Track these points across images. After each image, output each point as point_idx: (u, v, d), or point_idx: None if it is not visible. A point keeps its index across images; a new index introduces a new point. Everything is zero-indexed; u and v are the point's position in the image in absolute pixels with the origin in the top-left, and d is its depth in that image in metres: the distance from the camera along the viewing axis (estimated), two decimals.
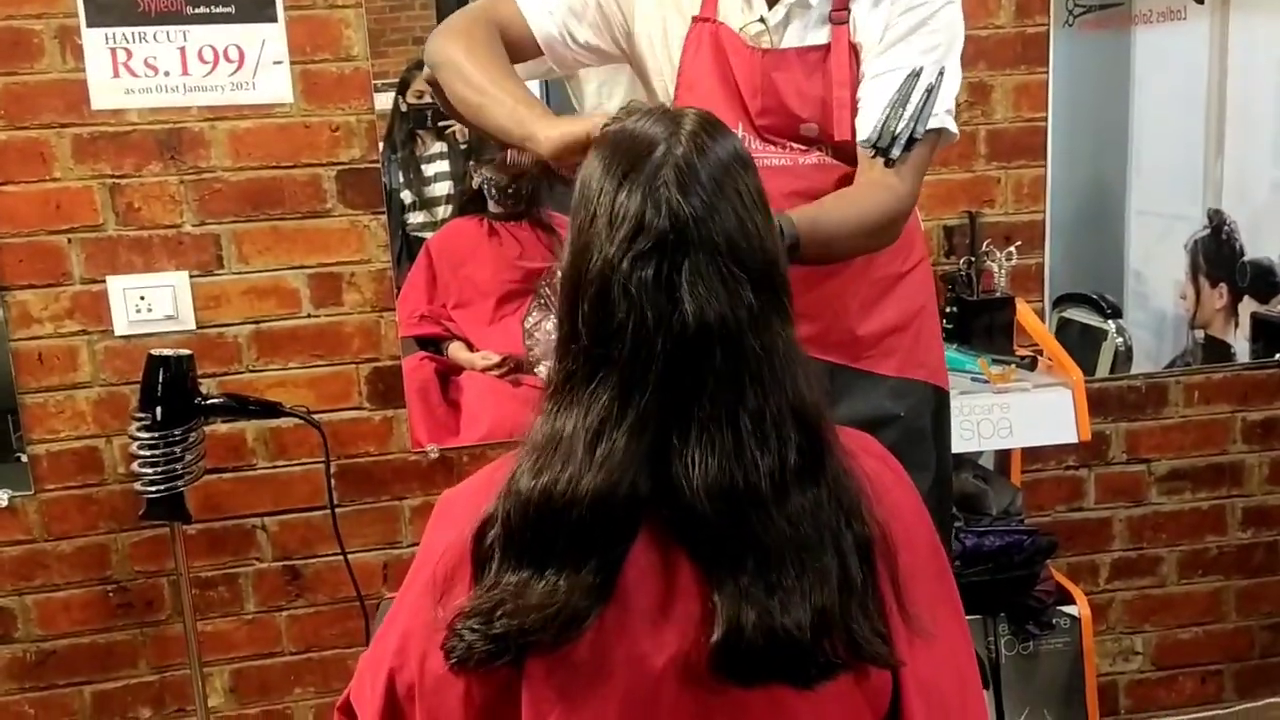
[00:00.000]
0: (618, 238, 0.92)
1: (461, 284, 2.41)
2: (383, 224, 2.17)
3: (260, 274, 2.14)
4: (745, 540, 0.93)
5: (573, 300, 0.95)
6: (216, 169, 2.09)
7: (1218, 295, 2.55)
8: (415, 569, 1.06)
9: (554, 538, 0.93)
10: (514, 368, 2.45)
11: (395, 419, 2.24)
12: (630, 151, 0.96)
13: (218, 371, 2.14)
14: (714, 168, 0.96)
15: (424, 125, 2.17)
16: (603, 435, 0.92)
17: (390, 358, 2.22)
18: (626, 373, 0.92)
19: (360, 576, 2.12)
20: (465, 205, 2.36)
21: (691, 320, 0.91)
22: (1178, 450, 2.57)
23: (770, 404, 0.94)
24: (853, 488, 0.98)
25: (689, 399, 0.93)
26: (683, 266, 0.92)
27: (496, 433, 2.31)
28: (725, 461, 0.92)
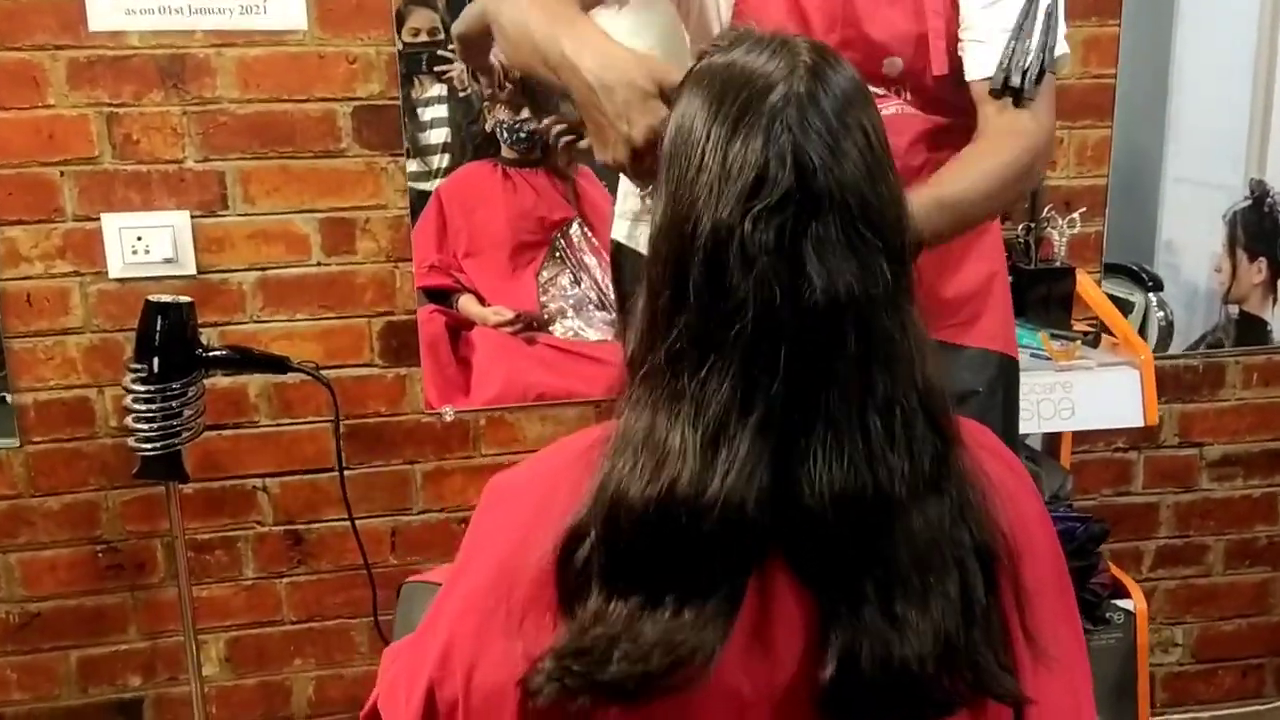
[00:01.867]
0: (733, 194, 0.77)
1: (474, 232, 2.26)
2: (401, 167, 2.01)
3: (267, 216, 1.98)
4: (868, 558, 0.79)
5: (674, 268, 0.79)
6: (222, 100, 1.92)
7: (1256, 270, 2.43)
8: (463, 567, 0.91)
9: (674, 559, 0.78)
10: (528, 325, 2.32)
11: (409, 378, 2.09)
12: (743, 89, 0.80)
13: (219, 321, 1.99)
14: (840, 109, 0.80)
15: (420, 68, 2.00)
16: (724, 433, 0.78)
17: (405, 312, 2.07)
18: (749, 358, 0.77)
19: (366, 543, 1.99)
20: (478, 149, 2.21)
21: (820, 295, 0.77)
22: (1232, 435, 2.44)
23: (902, 396, 0.80)
24: (978, 494, 0.84)
25: (816, 390, 0.78)
26: (808, 230, 0.77)
27: (509, 393, 2.17)
28: (855, 464, 0.78)
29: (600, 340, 2.36)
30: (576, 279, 2.40)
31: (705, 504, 0.77)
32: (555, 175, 2.34)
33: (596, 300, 2.39)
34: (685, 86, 0.85)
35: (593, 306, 2.38)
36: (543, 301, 2.37)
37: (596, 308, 2.39)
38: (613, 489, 0.80)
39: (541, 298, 2.37)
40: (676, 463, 0.78)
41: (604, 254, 2.39)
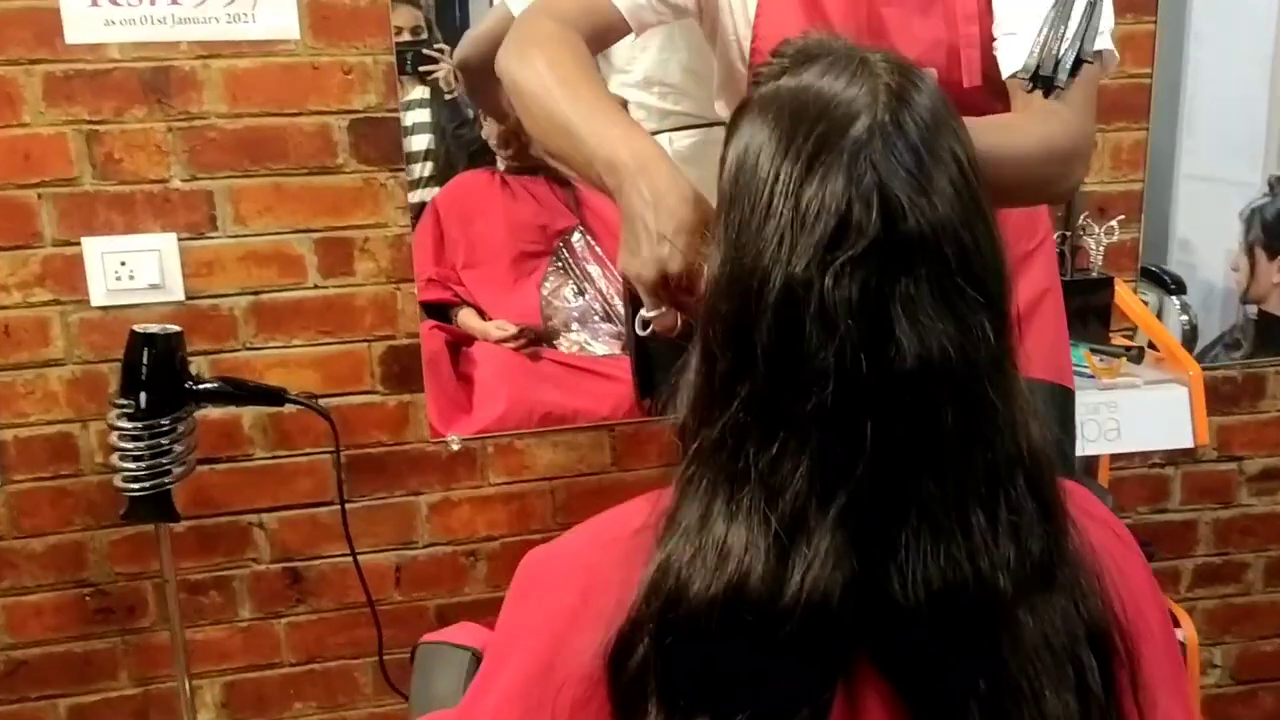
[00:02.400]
0: (809, 244, 0.66)
1: (472, 242, 2.16)
2: (401, 183, 1.89)
3: (259, 237, 1.86)
4: (972, 663, 0.69)
5: (736, 329, 0.69)
6: (210, 115, 1.81)
7: (1276, 269, 2.33)
8: (500, 657, 0.80)
9: (746, 670, 0.68)
10: (532, 339, 2.22)
11: (412, 405, 1.98)
12: (819, 120, 0.69)
13: (210, 349, 1.87)
14: (930, 138, 0.69)
15: (402, 68, 1.89)
16: (801, 524, 0.67)
17: (407, 335, 1.95)
18: (828, 436, 0.67)
19: (370, 580, 1.87)
20: (474, 155, 2.10)
21: (913, 362, 0.66)
22: (1273, 448, 2.33)
23: (1006, 474, 0.70)
24: (1089, 575, 0.73)
25: (907, 472, 0.68)
26: (897, 285, 0.66)
27: (514, 412, 2.06)
28: (954, 557, 0.68)
29: (608, 355, 2.25)
30: (581, 290, 2.29)
31: (783, 606, 0.66)
32: (556, 182, 2.24)
33: (602, 312, 2.28)
34: (746, 113, 0.73)
35: (598, 318, 2.28)
36: (546, 314, 2.27)
37: (602, 320, 2.28)
38: (670, 584, 0.69)
39: (545, 310, 2.27)
40: (743, 556, 0.67)
41: (608, 264, 2.29)
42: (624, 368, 2.20)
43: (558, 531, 1.98)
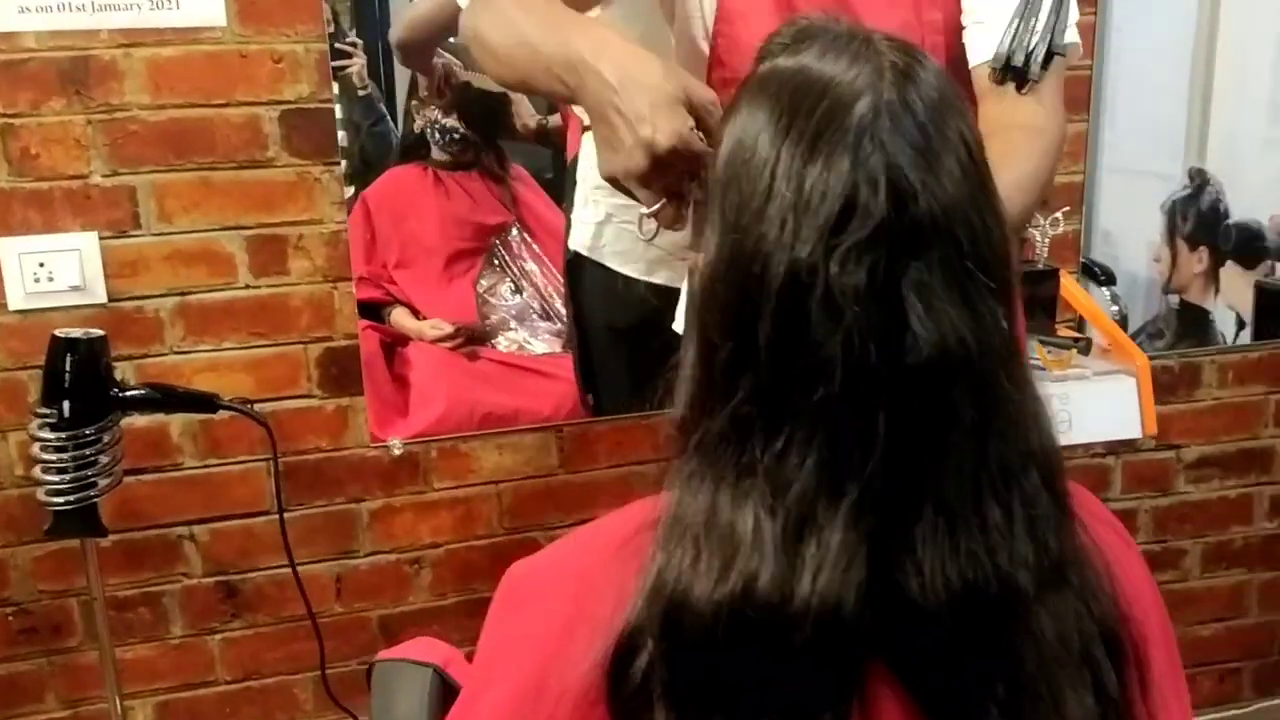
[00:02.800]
0: (814, 227, 0.63)
1: (405, 240, 2.11)
2: (337, 177, 1.82)
3: (186, 235, 1.78)
4: (991, 665, 0.66)
5: (737, 317, 0.65)
6: (132, 107, 1.71)
7: (1197, 259, 2.37)
8: (484, 679, 0.77)
9: (758, 676, 0.64)
10: (469, 339, 2.16)
11: (351, 409, 1.90)
12: (821, 99, 0.65)
13: (135, 354, 1.78)
14: (938, 118, 0.66)
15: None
16: (810, 520, 0.63)
17: (346, 336, 1.88)
18: (837, 429, 0.63)
19: (309, 591, 1.79)
20: (405, 151, 2.04)
21: (927, 350, 0.63)
22: (1209, 436, 2.37)
23: (1020, 467, 0.67)
24: (1099, 574, 0.71)
25: (922, 466, 0.65)
26: (908, 269, 0.63)
27: (453, 414, 2.00)
28: (974, 554, 0.65)
29: (548, 353, 2.21)
30: (518, 288, 2.25)
31: (795, 609, 0.63)
32: (490, 178, 2.19)
33: (540, 310, 2.24)
34: (743, 96, 0.69)
35: (536, 316, 2.23)
36: (483, 313, 2.22)
37: (541, 318, 2.24)
38: (671, 588, 0.65)
39: (481, 308, 2.22)
40: (751, 556, 0.64)
41: (545, 261, 2.25)
42: (565, 366, 2.15)
43: (504, 537, 1.95)
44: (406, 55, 1.96)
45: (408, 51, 1.96)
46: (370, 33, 1.84)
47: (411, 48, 1.96)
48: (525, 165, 2.15)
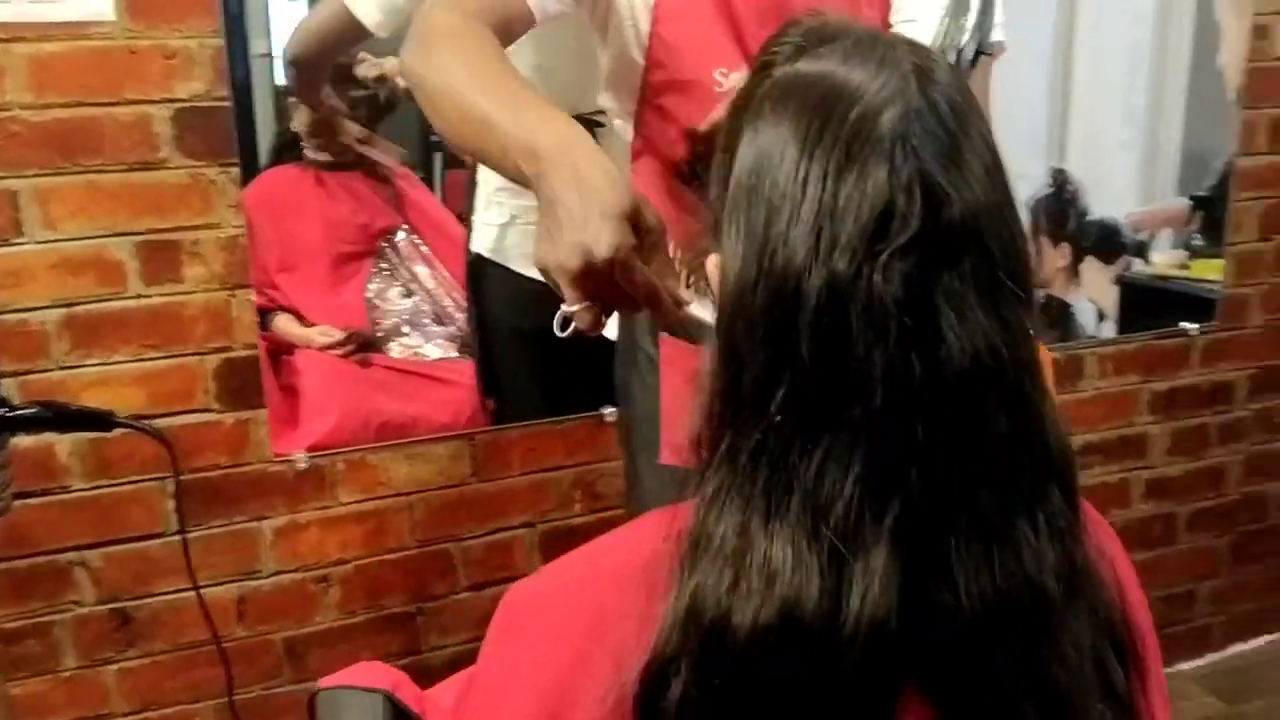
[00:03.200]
0: (851, 238, 0.61)
1: (286, 243, 2.03)
2: (234, 178, 1.73)
3: (73, 242, 1.66)
4: (1025, 678, 0.65)
5: (770, 333, 0.63)
6: (13, 106, 1.59)
7: (1059, 255, 2.47)
8: (486, 707, 0.73)
9: (803, 699, 0.62)
10: (361, 345, 2.10)
11: (252, 422, 1.81)
12: (851, 107, 0.64)
13: (19, 370, 1.66)
14: (960, 120, 0.65)
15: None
16: (855, 538, 0.62)
17: (245, 346, 1.79)
18: (878, 443, 0.62)
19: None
20: (280, 151, 1.96)
21: (962, 360, 0.62)
22: (1090, 425, 2.46)
23: (1045, 476, 0.67)
24: (1103, 577, 0.71)
25: (959, 478, 0.64)
26: (940, 278, 0.62)
27: (347, 424, 1.93)
28: (1008, 565, 0.64)
29: (444, 358, 2.15)
30: (408, 291, 2.19)
31: (845, 631, 0.61)
32: (374, 179, 2.13)
33: (433, 314, 2.18)
34: (763, 103, 0.67)
35: (429, 321, 2.18)
36: (373, 318, 2.15)
37: (434, 322, 2.18)
38: (710, 614, 0.63)
39: (371, 314, 2.16)
40: (793, 577, 0.62)
41: (437, 263, 2.20)
42: (462, 372, 2.11)
43: (417, 550, 1.89)
44: (299, 72, 1.89)
45: (301, 68, 1.89)
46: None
47: (305, 64, 1.89)
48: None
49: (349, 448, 1.88)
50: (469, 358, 2.15)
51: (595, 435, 2.00)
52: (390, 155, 2.09)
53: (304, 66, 1.89)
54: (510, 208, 1.96)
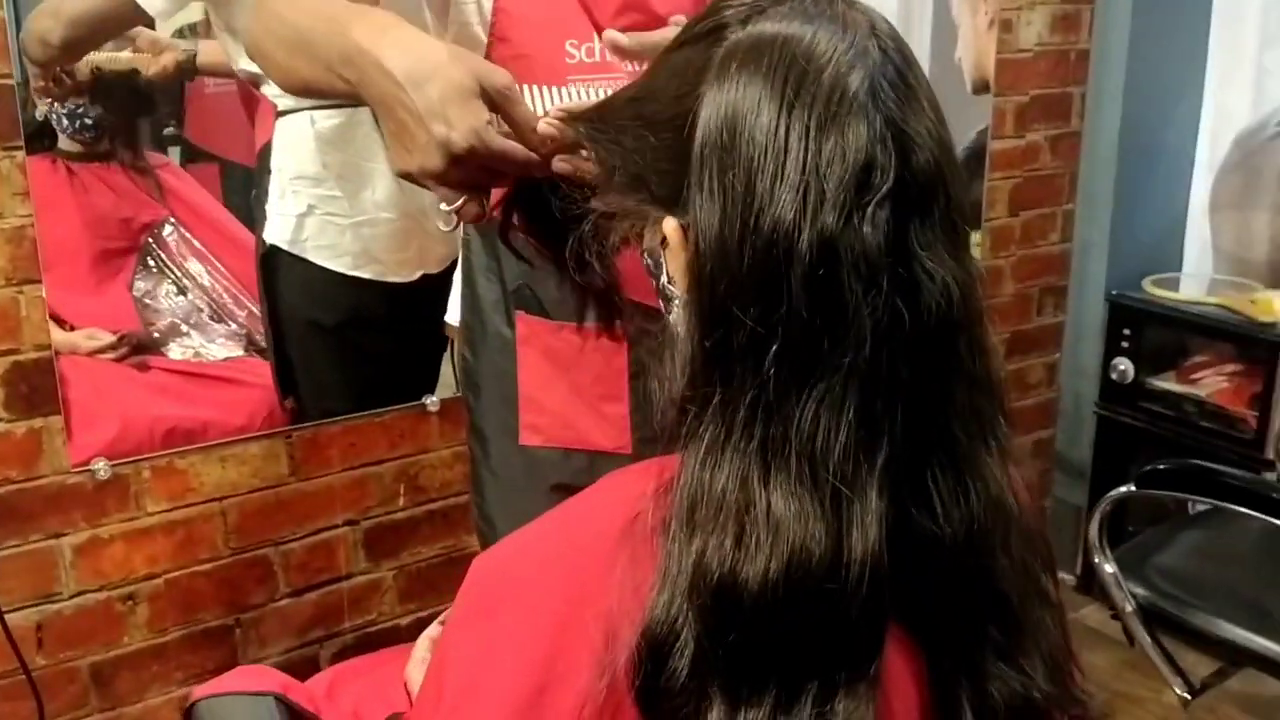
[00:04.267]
0: (837, 194, 0.63)
1: (39, 242, 1.88)
2: (20, 164, 1.58)
3: None
4: (989, 599, 0.71)
5: (758, 287, 0.65)
6: None
7: None
8: (464, 686, 0.71)
9: (812, 639, 0.64)
10: (134, 348, 1.96)
11: (46, 430, 1.65)
12: (825, 67, 0.66)
13: None
14: (913, 70, 0.69)
15: None
16: (853, 482, 0.64)
17: (37, 348, 1.63)
18: (869, 388, 0.64)
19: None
20: (28, 141, 1.82)
21: (938, 302, 0.66)
22: None
23: (998, 406, 0.72)
24: (1021, 500, 0.77)
25: (935, 415, 0.68)
26: (910, 226, 0.66)
27: (131, 435, 1.79)
28: (978, 493, 0.69)
29: (231, 358, 2.04)
30: (181, 288, 2.07)
31: (851, 573, 0.64)
32: (134, 170, 2.00)
33: (211, 312, 2.07)
34: (721, 68, 0.68)
35: (208, 319, 2.06)
36: (146, 318, 2.02)
37: (213, 320, 2.07)
38: (717, 573, 0.64)
39: (143, 314, 2.02)
40: (797, 527, 0.64)
41: (211, 258, 2.08)
42: (253, 370, 2.01)
43: (231, 558, 1.79)
44: (67, 55, 1.74)
45: (70, 51, 1.74)
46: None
47: (75, 47, 1.75)
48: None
49: (156, 453, 1.75)
50: (257, 355, 2.05)
51: (417, 426, 1.95)
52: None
53: (74, 50, 1.75)
54: (308, 197, 1.88)
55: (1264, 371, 2.40)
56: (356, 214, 1.89)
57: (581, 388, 1.40)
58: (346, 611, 1.94)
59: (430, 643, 1.12)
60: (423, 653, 1.10)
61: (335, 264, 1.92)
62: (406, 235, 1.92)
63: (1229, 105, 2.70)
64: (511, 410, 1.43)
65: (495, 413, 1.45)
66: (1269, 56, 2.65)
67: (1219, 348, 2.58)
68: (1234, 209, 2.71)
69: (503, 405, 1.44)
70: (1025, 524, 0.74)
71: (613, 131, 0.78)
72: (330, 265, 1.92)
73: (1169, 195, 2.77)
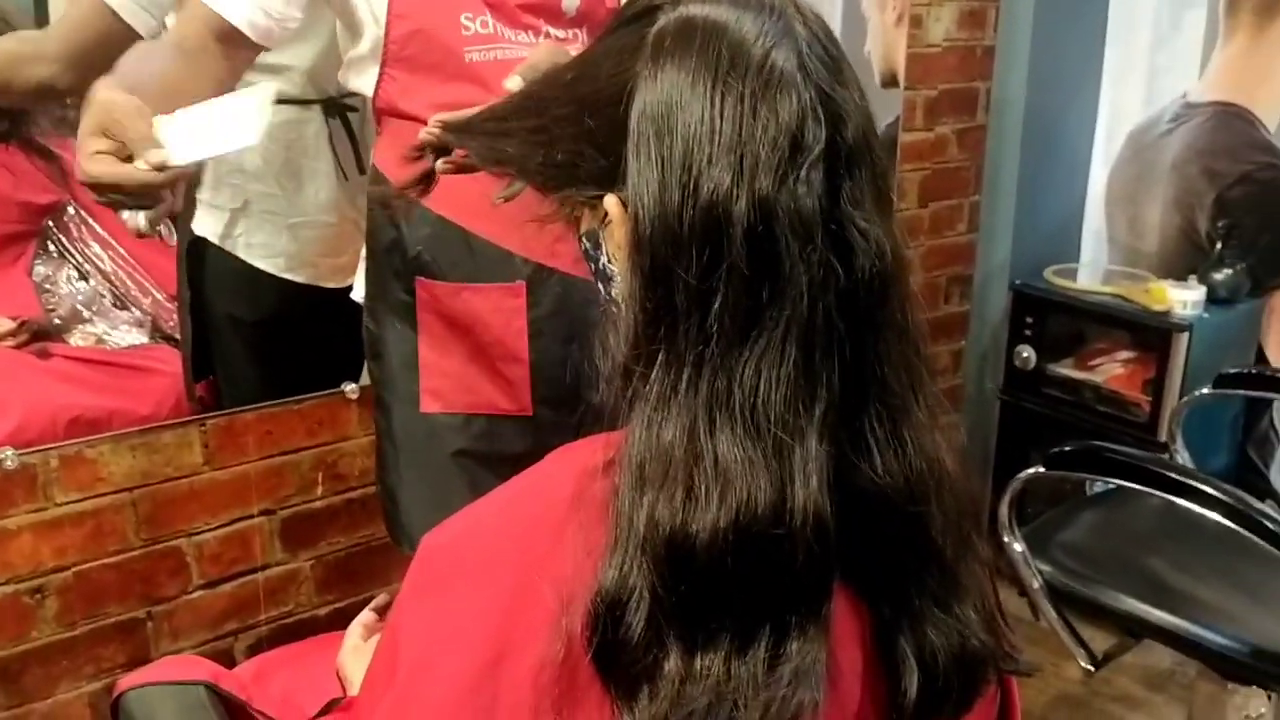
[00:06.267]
0: (771, 163, 0.67)
1: None
2: None
3: None
4: (925, 549, 0.74)
5: (699, 256, 0.68)
6: None
7: None
8: (420, 663, 0.71)
9: (757, 588, 0.67)
10: (35, 335, 1.92)
11: None
12: (754, 44, 0.70)
13: None
14: (835, 42, 0.73)
15: None
16: (794, 433, 0.67)
17: None
18: (806, 343, 0.68)
19: None
20: None
21: (870, 260, 0.70)
22: None
23: (922, 360, 0.76)
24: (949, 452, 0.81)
25: (868, 368, 0.72)
26: (841, 188, 0.70)
27: (32, 424, 1.75)
28: (913, 445, 0.73)
29: (137, 345, 2.00)
30: (82, 274, 2.03)
31: (794, 520, 0.67)
32: (33, 151, 1.95)
33: (113, 298, 2.03)
34: (654, 48, 0.72)
35: (111, 305, 2.02)
36: (47, 305, 1.97)
37: (116, 307, 2.03)
38: (668, 526, 0.66)
39: (47, 301, 1.97)
40: (745, 478, 0.66)
41: (114, 243, 2.04)
42: (160, 358, 1.98)
43: (143, 550, 1.75)
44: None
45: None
46: None
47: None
48: None
49: (65, 442, 1.70)
50: (164, 343, 2.01)
51: (336, 414, 1.92)
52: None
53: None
54: (245, 193, 1.83)
55: (1157, 358, 2.50)
56: (295, 214, 1.85)
57: (482, 349, 1.42)
58: (262, 603, 1.91)
59: (363, 629, 1.11)
60: (355, 640, 1.10)
61: (267, 264, 1.87)
62: (344, 240, 1.88)
63: (1123, 102, 2.81)
64: (413, 377, 1.44)
65: (398, 380, 1.46)
66: (1160, 56, 2.76)
67: (1115, 335, 2.68)
68: (1127, 202, 2.82)
69: (405, 371, 1.45)
70: (954, 476, 0.77)
71: (540, 123, 0.81)
72: (261, 265, 1.86)
73: (1069, 188, 2.87)
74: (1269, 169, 2.58)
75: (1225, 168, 2.60)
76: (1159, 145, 2.72)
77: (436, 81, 1.33)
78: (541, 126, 0.80)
